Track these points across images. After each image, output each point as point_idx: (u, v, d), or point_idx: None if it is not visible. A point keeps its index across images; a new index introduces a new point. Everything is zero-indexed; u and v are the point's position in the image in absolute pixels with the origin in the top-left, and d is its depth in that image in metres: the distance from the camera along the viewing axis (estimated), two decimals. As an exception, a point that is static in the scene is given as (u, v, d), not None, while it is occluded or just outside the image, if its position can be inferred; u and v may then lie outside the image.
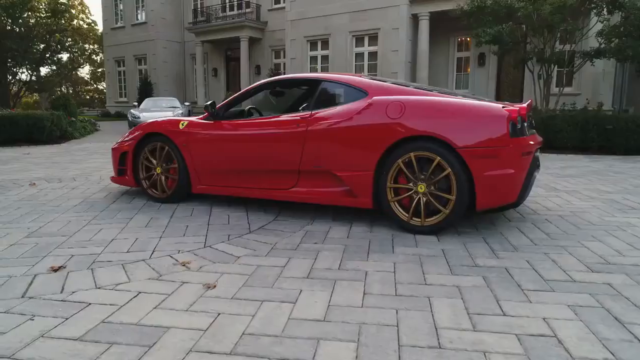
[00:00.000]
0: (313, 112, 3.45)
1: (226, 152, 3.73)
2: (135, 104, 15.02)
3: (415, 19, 15.49)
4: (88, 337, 1.73)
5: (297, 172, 3.48)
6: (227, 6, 21.62)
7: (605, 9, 8.96)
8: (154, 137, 4.07)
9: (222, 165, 3.77)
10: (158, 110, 13.63)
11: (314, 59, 17.81)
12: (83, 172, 6.03)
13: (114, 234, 3.11)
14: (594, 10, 8.93)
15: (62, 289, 2.18)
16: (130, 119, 13.36)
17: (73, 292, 2.14)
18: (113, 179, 4.46)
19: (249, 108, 4.35)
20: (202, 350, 1.64)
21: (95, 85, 52.35)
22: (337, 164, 3.29)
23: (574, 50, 9.61)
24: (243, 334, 1.76)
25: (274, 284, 2.25)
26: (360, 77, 3.57)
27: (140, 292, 2.14)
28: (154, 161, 4.08)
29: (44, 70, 22.40)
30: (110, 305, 2.01)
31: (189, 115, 14.03)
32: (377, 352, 1.62)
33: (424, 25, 15.27)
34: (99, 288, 2.19)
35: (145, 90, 22.59)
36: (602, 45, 9.34)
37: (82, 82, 52.44)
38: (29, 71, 20.81)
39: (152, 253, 2.71)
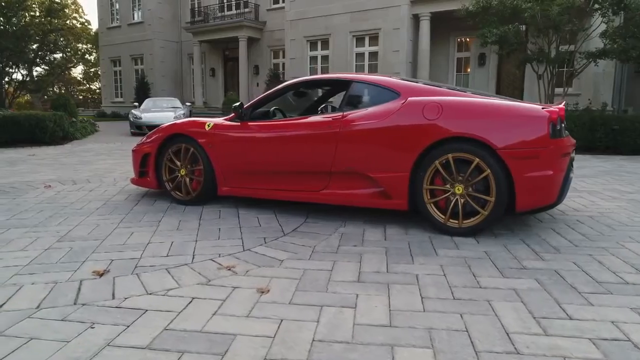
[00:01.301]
0: (345, 113, 3.42)
1: (255, 153, 3.68)
2: (136, 104, 14.87)
3: (416, 19, 15.51)
4: (156, 345, 1.68)
5: (328, 174, 3.45)
6: (225, 6, 21.51)
7: (610, 10, 9.01)
8: (178, 138, 4.02)
9: (251, 167, 3.73)
10: (159, 111, 13.51)
11: (313, 59, 17.78)
12: (95, 173, 5.95)
13: (148, 238, 3.05)
14: (599, 11, 8.98)
15: (113, 295, 2.13)
16: (131, 119, 13.22)
17: (125, 299, 2.09)
18: (134, 181, 4.40)
19: (274, 109, 4.30)
20: (276, 358, 1.60)
21: (88, 85, 51.88)
22: (372, 166, 3.26)
23: (578, 51, 9.66)
24: (313, 340, 1.72)
25: (327, 288, 2.22)
26: (391, 77, 3.55)
27: (194, 298, 2.10)
28: (178, 163, 4.02)
29: (38, 70, 22.10)
30: (168, 311, 1.96)
31: (190, 116, 13.94)
32: (455, 359, 1.59)
33: (425, 26, 15.30)
34: (150, 294, 2.14)
35: (142, 90, 22.44)
36: (607, 46, 9.39)
37: (75, 82, 51.93)
38: (25, 71, 20.55)
39: (193, 257, 2.67)
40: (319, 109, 4.82)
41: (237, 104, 3.81)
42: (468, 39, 16.37)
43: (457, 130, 2.99)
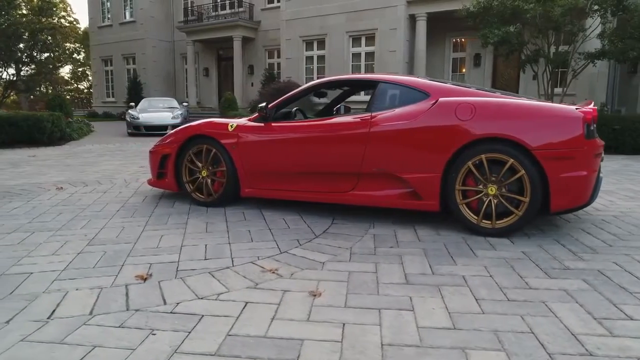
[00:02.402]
0: (374, 113, 3.40)
1: (281, 154, 3.65)
2: (133, 104, 14.69)
3: (412, 19, 15.57)
4: (224, 352, 1.65)
5: (356, 175, 3.43)
6: (219, 5, 21.38)
7: (609, 11, 9.13)
8: (199, 139, 3.96)
9: (276, 168, 3.69)
10: (156, 111, 13.36)
11: (309, 59, 17.75)
12: (103, 175, 5.85)
13: (179, 241, 3.00)
14: (599, 12, 9.09)
15: (164, 300, 2.08)
16: (128, 119, 13.05)
17: (178, 304, 2.05)
18: (151, 183, 4.33)
19: (295, 109, 4.27)
20: (352, 363, 1.58)
21: (76, 85, 51.14)
22: (402, 166, 3.25)
23: (577, 52, 9.77)
24: (382, 344, 1.70)
25: (378, 290, 2.20)
26: (419, 78, 3.54)
27: (247, 302, 2.06)
28: (199, 164, 3.97)
29: (26, 70, 21.66)
30: (225, 317, 1.93)
31: (187, 117, 13.81)
32: (531, 361, 1.59)
33: (422, 26, 15.36)
34: (201, 299, 2.11)
35: (135, 90, 22.20)
36: (606, 47, 9.52)
37: (62, 81, 51.15)
38: (16, 70, 20.18)
39: (232, 260, 2.63)
40: (334, 109, 4.82)
41: (263, 104, 3.77)
42: (463, 40, 16.49)
43: (491, 131, 2.99)
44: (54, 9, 27.48)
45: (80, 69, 49.41)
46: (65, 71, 51.52)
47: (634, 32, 9.13)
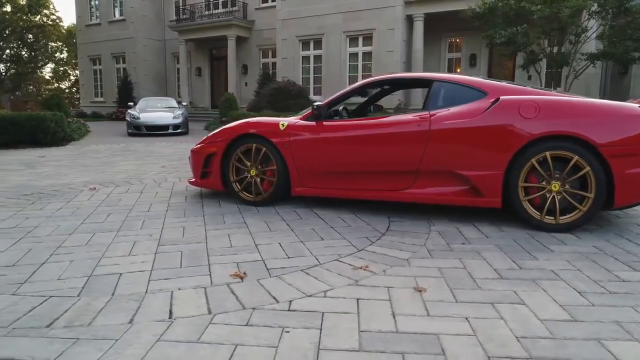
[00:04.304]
0: (432, 112, 3.43)
1: (337, 153, 3.65)
2: (131, 104, 14.46)
3: (409, 19, 15.71)
4: (367, 347, 1.66)
5: (414, 173, 3.46)
6: (212, 4, 21.21)
7: (610, 13, 9.37)
8: (247, 138, 3.94)
9: (331, 167, 3.69)
10: (157, 111, 13.17)
11: (306, 59, 17.75)
12: (127, 175, 5.76)
13: (249, 240, 2.99)
14: (601, 14, 9.32)
15: (274, 298, 2.07)
16: (129, 119, 12.84)
17: (290, 302, 2.04)
18: (195, 183, 4.28)
19: (342, 108, 4.27)
20: (500, 356, 1.60)
21: (57, 85, 50.01)
22: (464, 164, 3.29)
23: (580, 52, 10.00)
24: (517, 337, 1.73)
25: (478, 285, 2.23)
26: (475, 77, 3.59)
27: (358, 299, 2.07)
28: (248, 163, 3.95)
29: (7, 67, 21.13)
30: (345, 313, 1.93)
31: (187, 116, 13.66)
32: (670, 350, 1.64)
33: (419, 26, 15.52)
34: (310, 296, 2.10)
35: (126, 90, 21.86)
36: (606, 48, 9.77)
37: (44, 81, 49.99)
38: (5, 69, 19.66)
39: (316, 258, 2.63)
40: (369, 108, 4.84)
41: (318, 103, 3.76)
42: (459, 40, 16.71)
43: (556, 129, 3.05)
44: (40, 8, 26.90)
45: (62, 68, 48.40)
46: (46, 70, 50.41)
47: (633, 33, 9.41)
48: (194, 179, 4.32)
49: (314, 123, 3.80)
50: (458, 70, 16.89)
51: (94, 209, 3.86)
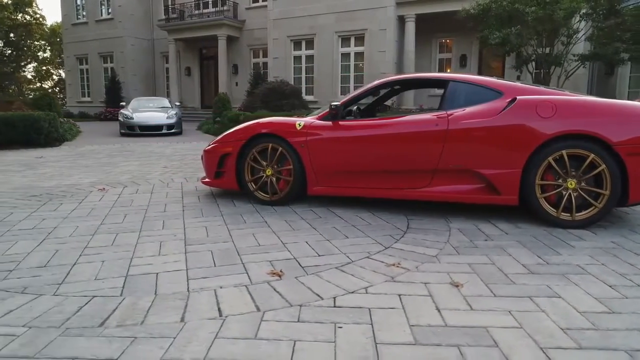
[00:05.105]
0: (449, 111, 3.50)
1: (354, 153, 3.69)
2: (123, 104, 14.31)
3: (401, 20, 15.83)
4: (422, 340, 1.70)
5: (432, 171, 3.52)
6: (202, 3, 21.07)
7: (601, 15, 9.59)
8: (263, 138, 3.96)
9: (349, 166, 3.73)
10: (150, 111, 13.05)
11: (297, 59, 17.75)
12: (132, 176, 5.73)
13: (275, 239, 3.01)
14: (592, 16, 9.54)
15: (318, 295, 2.11)
16: (122, 119, 12.70)
17: (334, 298, 2.08)
18: (209, 183, 4.28)
19: (356, 108, 4.31)
20: (551, 346, 1.66)
21: (40, 84, 49.08)
22: (482, 163, 3.36)
23: (572, 54, 10.21)
24: (562, 329, 1.79)
25: (511, 280, 2.30)
26: (489, 78, 3.66)
27: (400, 295, 2.11)
28: (263, 163, 3.97)
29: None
30: (391, 308, 1.97)
31: (181, 116, 13.56)
32: None
33: (410, 27, 15.65)
34: (352, 292, 2.14)
35: (114, 90, 21.59)
36: (596, 49, 10.00)
37: (25, 80, 49.03)
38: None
39: (347, 256, 2.67)
40: (377, 108, 4.89)
41: (337, 103, 3.80)
42: (449, 41, 16.90)
43: (573, 128, 3.14)
44: (25, 7, 26.40)
45: (44, 68, 47.57)
46: (28, 69, 49.43)
47: (622, 35, 9.65)
48: (207, 179, 4.33)
49: (330, 123, 3.84)
50: (448, 70, 17.07)
51: (109, 210, 3.84)
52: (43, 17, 38.90)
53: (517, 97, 3.35)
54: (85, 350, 1.63)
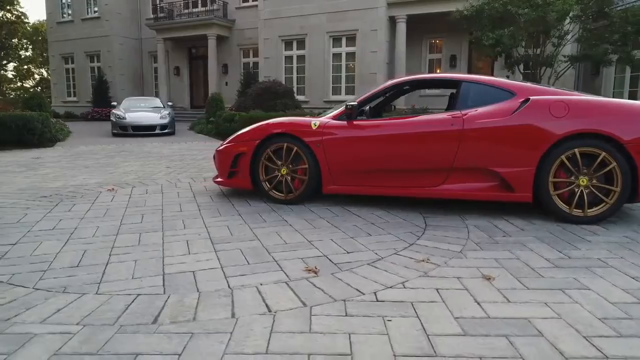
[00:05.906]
0: (464, 111, 3.58)
1: (370, 151, 3.75)
2: (115, 104, 14.14)
3: (392, 21, 15.97)
4: (472, 332, 1.76)
5: (447, 170, 3.60)
6: (191, 3, 20.93)
7: (590, 17, 9.84)
8: (278, 137, 4.00)
9: (365, 165, 3.79)
10: (143, 111, 12.94)
11: (289, 59, 17.77)
12: (136, 175, 5.71)
13: (300, 237, 3.06)
14: (582, 18, 9.77)
15: (358, 290, 2.16)
16: (114, 119, 12.56)
17: (374, 293, 2.13)
18: (220, 182, 4.30)
19: (369, 107, 4.38)
20: (593, 335, 1.74)
21: (21, 83, 48.11)
22: (497, 161, 3.46)
23: (563, 55, 10.45)
24: (599, 319, 1.88)
25: (538, 273, 2.38)
26: (501, 79, 3.76)
27: (437, 289, 2.18)
28: (278, 162, 4.00)
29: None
30: (431, 302, 2.04)
31: (174, 116, 13.47)
32: None
33: (401, 28, 15.80)
34: (391, 287, 2.20)
35: (101, 89, 21.32)
36: (585, 50, 10.25)
37: (6, 80, 47.99)
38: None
39: (375, 253, 2.73)
40: (385, 108, 4.97)
41: (352, 103, 3.85)
42: (439, 41, 17.11)
43: (585, 127, 3.25)
44: (6, 5, 25.83)
45: (25, 67, 46.67)
46: (8, 68, 48.39)
47: (610, 36, 9.92)
48: (220, 179, 4.35)
49: (345, 122, 3.90)
50: (438, 70, 17.28)
51: (125, 210, 3.83)
52: (25, 15, 38.10)
53: (531, 97, 3.46)
54: (147, 346, 1.66)
